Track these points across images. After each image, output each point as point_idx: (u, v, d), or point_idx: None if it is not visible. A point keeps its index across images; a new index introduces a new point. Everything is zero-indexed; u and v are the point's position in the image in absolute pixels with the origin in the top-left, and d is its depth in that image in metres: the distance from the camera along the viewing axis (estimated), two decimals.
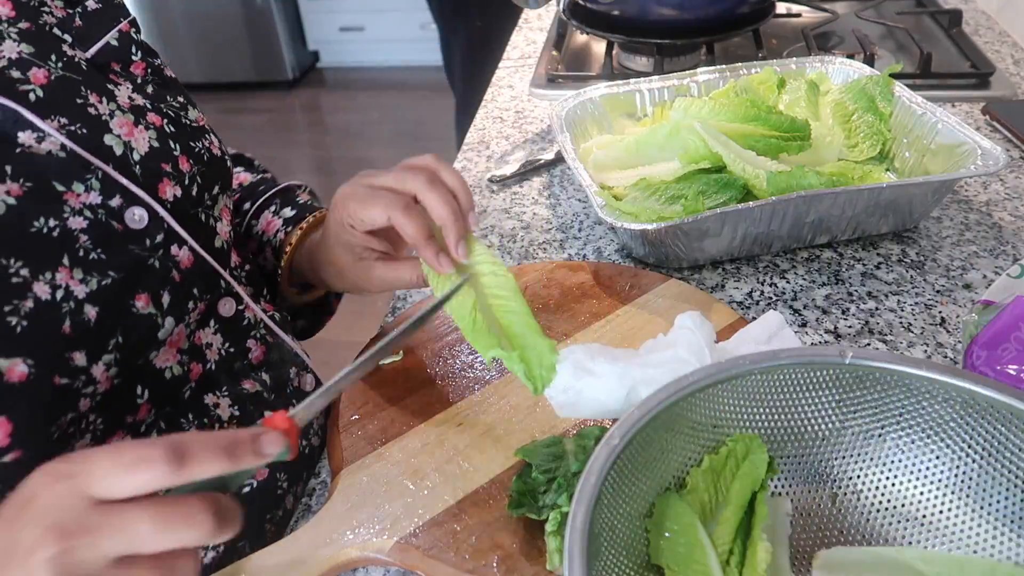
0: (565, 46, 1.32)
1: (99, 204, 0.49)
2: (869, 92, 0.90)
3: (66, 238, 0.47)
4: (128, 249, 0.50)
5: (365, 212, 0.58)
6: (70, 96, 0.50)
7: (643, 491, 0.47)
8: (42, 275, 0.45)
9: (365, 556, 0.53)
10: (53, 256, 0.46)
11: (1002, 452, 0.47)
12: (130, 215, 0.51)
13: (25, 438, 0.43)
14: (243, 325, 0.61)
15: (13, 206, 0.45)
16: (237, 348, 0.60)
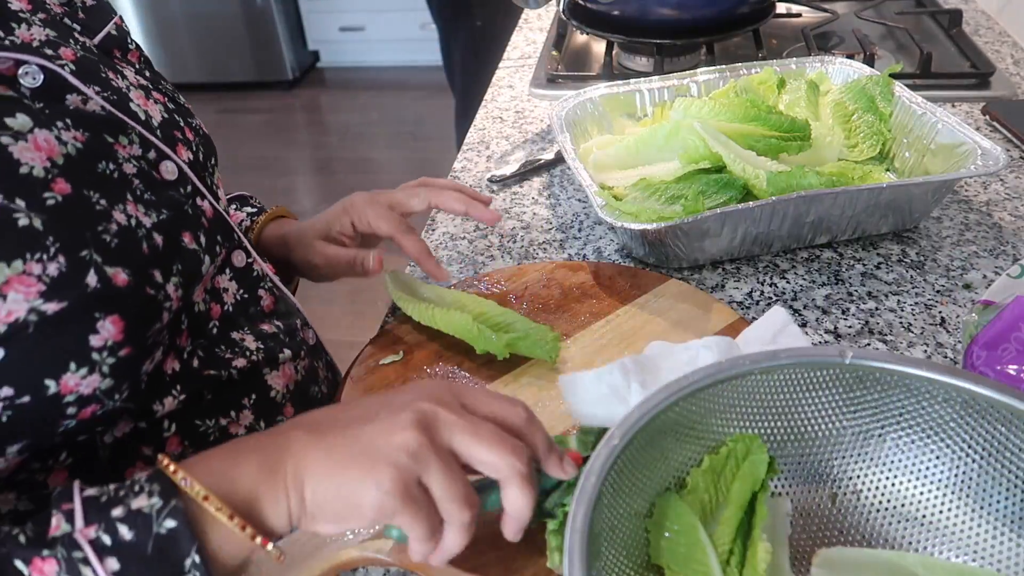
0: (565, 46, 1.32)
1: (140, 155, 0.56)
2: (869, 92, 0.90)
3: (124, 180, 0.53)
4: (169, 194, 0.57)
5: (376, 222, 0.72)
6: (96, 70, 0.56)
7: (643, 491, 0.47)
8: (117, 206, 0.51)
9: (365, 556, 0.53)
10: (120, 192, 0.52)
11: (1002, 452, 0.47)
12: (164, 167, 0.58)
13: (132, 337, 0.49)
14: (253, 276, 0.67)
15: (80, 149, 0.51)
16: (250, 296, 0.66)
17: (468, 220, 0.91)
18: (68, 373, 0.46)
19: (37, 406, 0.45)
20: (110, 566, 0.39)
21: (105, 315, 0.47)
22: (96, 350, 0.47)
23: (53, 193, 0.47)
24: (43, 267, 0.45)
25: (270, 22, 3.69)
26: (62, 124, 0.50)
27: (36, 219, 0.46)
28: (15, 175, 0.46)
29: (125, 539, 0.40)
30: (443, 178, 0.75)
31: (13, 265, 0.44)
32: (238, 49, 3.77)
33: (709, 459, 0.50)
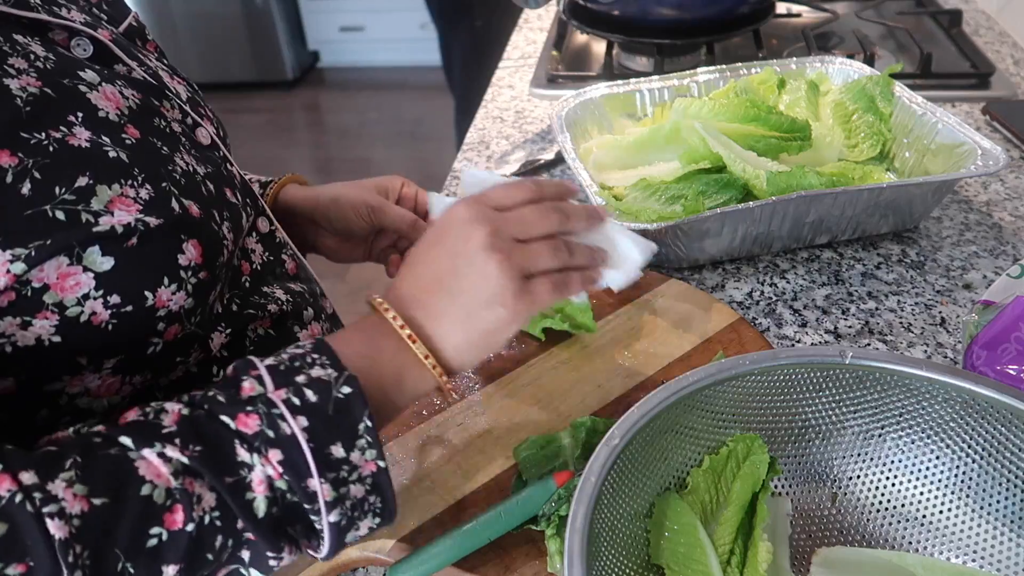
0: (565, 46, 1.32)
1: (181, 119, 0.60)
2: (869, 92, 0.90)
3: (175, 135, 0.57)
4: (209, 154, 0.60)
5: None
6: (130, 49, 0.60)
7: (643, 491, 0.47)
8: (176, 154, 0.55)
9: (365, 556, 0.53)
10: (175, 144, 0.56)
11: (1002, 452, 0.47)
12: (200, 133, 0.61)
13: (208, 262, 0.53)
14: (276, 242, 0.70)
15: (139, 104, 0.55)
16: (275, 258, 0.69)
17: None
18: (162, 287, 0.50)
19: (137, 317, 0.49)
20: (301, 423, 0.43)
21: (188, 239, 0.52)
22: (183, 268, 0.51)
23: (128, 135, 0.52)
24: (136, 191, 0.50)
25: (270, 22, 3.69)
26: (120, 83, 0.55)
27: (122, 153, 0.50)
28: (96, 117, 0.51)
29: (311, 400, 0.44)
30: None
31: (113, 187, 0.49)
32: (238, 49, 3.77)
33: (709, 459, 0.50)
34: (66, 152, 0.48)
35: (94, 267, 0.47)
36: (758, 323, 0.73)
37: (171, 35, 3.74)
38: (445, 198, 0.62)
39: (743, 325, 0.69)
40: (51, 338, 0.47)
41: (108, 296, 0.48)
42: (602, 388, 0.64)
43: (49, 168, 0.47)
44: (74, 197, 0.47)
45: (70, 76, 0.51)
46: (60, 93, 0.49)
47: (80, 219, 0.47)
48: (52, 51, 0.52)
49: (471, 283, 0.50)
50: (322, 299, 0.74)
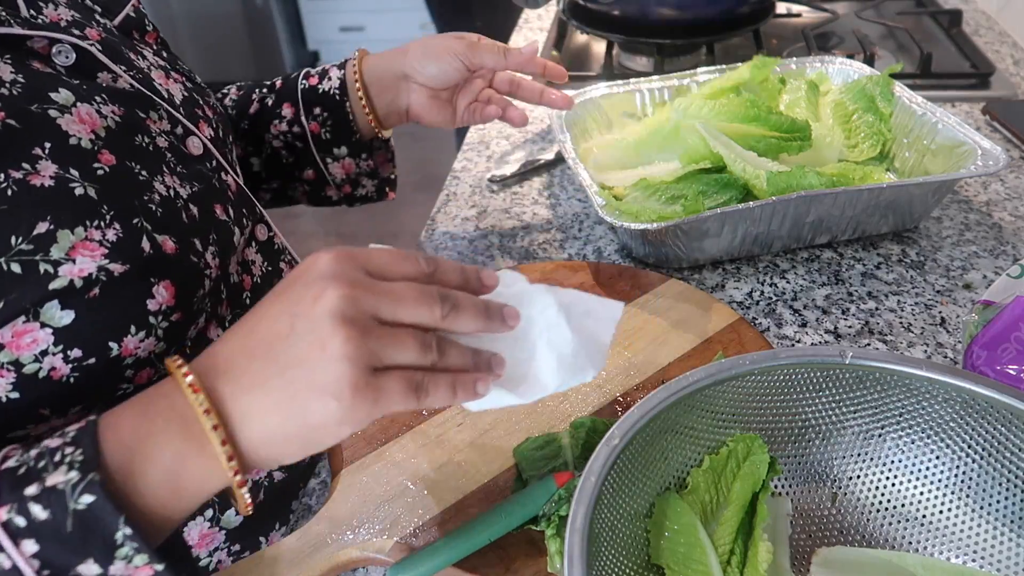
0: (565, 46, 1.32)
1: (169, 131, 0.57)
2: (869, 92, 0.90)
3: (159, 152, 0.55)
4: (197, 168, 0.58)
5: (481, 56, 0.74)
6: (119, 50, 0.57)
7: (644, 491, 0.47)
8: (156, 177, 0.53)
9: (365, 556, 0.53)
10: (157, 164, 0.54)
11: (1002, 452, 0.47)
12: (191, 142, 0.59)
13: (182, 302, 0.51)
14: (274, 249, 0.68)
15: (119, 123, 0.52)
16: (274, 268, 0.68)
17: (468, 220, 0.91)
18: (128, 336, 0.47)
19: (101, 368, 0.47)
20: (27, 549, 0.36)
21: (159, 280, 0.49)
22: (152, 314, 0.49)
23: (101, 164, 0.49)
24: (102, 233, 0.47)
25: (270, 22, 3.69)
26: (100, 99, 0.52)
27: (90, 188, 0.47)
28: (66, 146, 0.48)
29: (39, 519, 0.36)
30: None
31: (76, 231, 0.46)
32: (238, 49, 3.77)
33: (709, 459, 0.50)
34: (26, 194, 0.44)
35: (52, 322, 0.45)
36: (758, 323, 0.73)
37: (171, 35, 3.74)
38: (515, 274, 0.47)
39: (743, 325, 0.69)
40: (8, 395, 0.45)
41: (68, 351, 0.45)
42: (602, 388, 0.64)
43: (5, 215, 0.44)
44: (32, 246, 0.44)
45: (39, 100, 0.48)
46: (26, 123, 0.46)
47: (37, 270, 0.44)
48: (22, 71, 0.49)
49: (305, 355, 0.38)
50: None
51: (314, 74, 0.78)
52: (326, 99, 0.77)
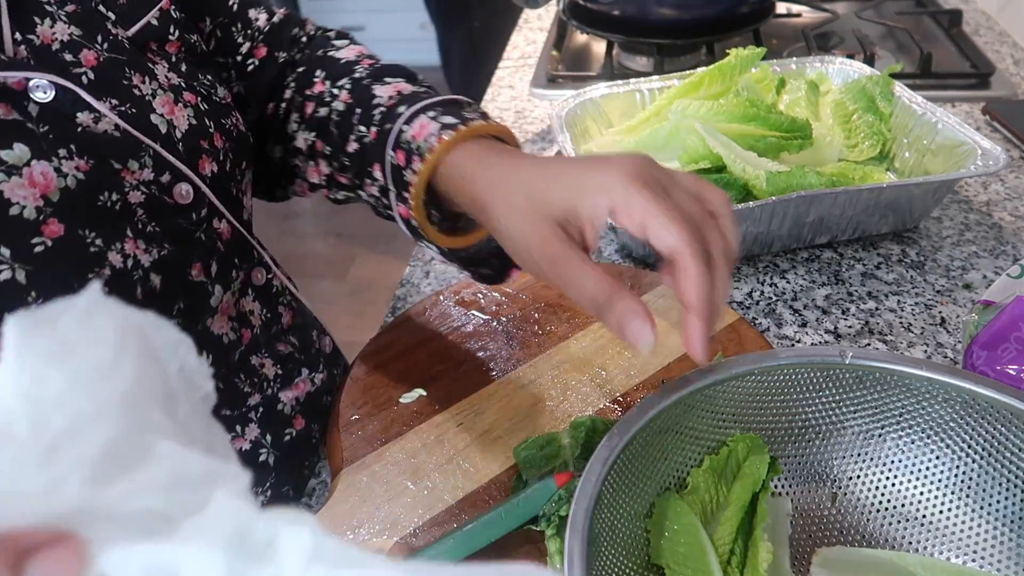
0: (565, 46, 1.32)
1: (152, 180, 0.52)
2: (869, 92, 0.90)
3: (126, 211, 0.50)
4: (178, 223, 0.54)
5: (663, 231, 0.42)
6: (118, 77, 0.52)
7: (644, 491, 0.47)
8: (114, 245, 0.48)
9: None
10: (119, 228, 0.49)
11: (1002, 452, 0.47)
12: (178, 190, 0.54)
13: None
14: (273, 292, 0.65)
15: (82, 180, 0.47)
16: (273, 314, 0.65)
17: None
18: None
19: None
20: None
21: None
22: None
23: (43, 237, 0.45)
24: None
25: None
26: (65, 152, 0.47)
27: (20, 271, 0.43)
28: (4, 217, 0.43)
29: None
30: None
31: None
32: None
33: (709, 459, 0.50)
34: None
35: None
36: (758, 323, 0.73)
37: None
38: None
39: (743, 325, 0.69)
40: None
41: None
42: (602, 388, 0.64)
43: None
44: None
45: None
46: None
47: None
48: None
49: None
50: (319, 340, 0.70)
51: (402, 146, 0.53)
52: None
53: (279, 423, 0.64)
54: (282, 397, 0.64)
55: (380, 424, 0.62)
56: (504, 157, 0.49)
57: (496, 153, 0.49)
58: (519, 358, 0.68)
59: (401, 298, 0.80)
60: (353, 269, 2.46)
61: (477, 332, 0.71)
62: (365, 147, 0.56)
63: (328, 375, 0.70)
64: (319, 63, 0.65)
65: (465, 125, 0.51)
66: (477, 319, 0.72)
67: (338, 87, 0.61)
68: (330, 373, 0.70)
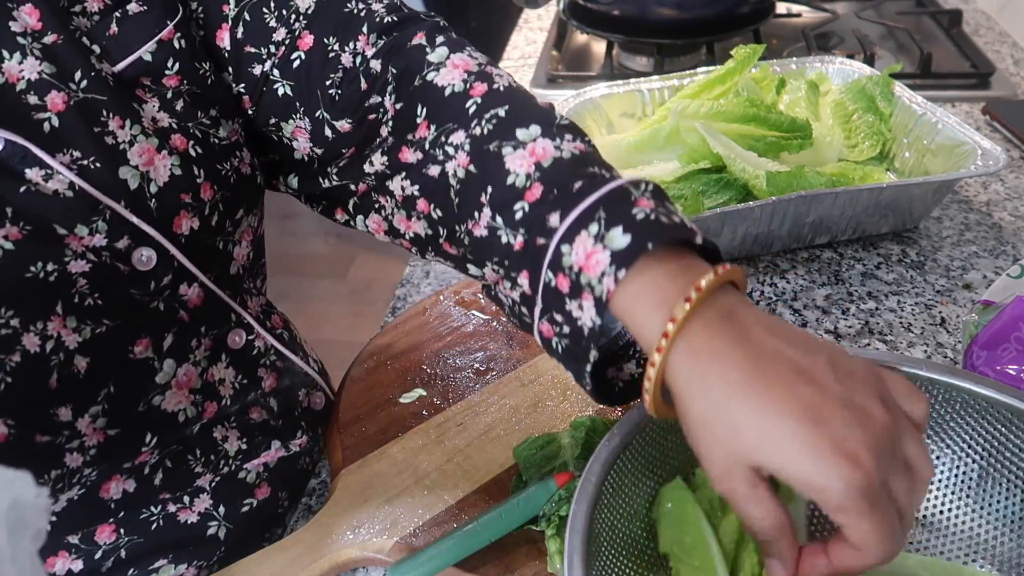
0: (565, 46, 1.32)
1: (104, 247, 0.46)
2: (869, 92, 0.90)
3: (63, 283, 0.44)
4: (129, 293, 0.48)
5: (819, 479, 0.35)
6: (88, 124, 0.46)
7: (644, 491, 0.47)
8: (33, 326, 0.43)
9: (365, 556, 0.53)
10: (47, 304, 0.44)
11: (1002, 452, 0.47)
12: (137, 256, 0.48)
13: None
14: (253, 355, 0.58)
15: (11, 251, 0.42)
16: (250, 380, 0.58)
17: None
18: None
19: None
20: None
21: None
22: None
23: None
24: None
25: None
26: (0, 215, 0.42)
27: None
28: None
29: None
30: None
31: None
32: None
33: None
34: None
35: None
36: None
37: None
38: None
39: None
40: None
41: None
42: None
43: None
44: None
45: None
46: None
47: None
48: None
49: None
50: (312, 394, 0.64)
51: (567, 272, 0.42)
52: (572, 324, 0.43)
53: (237, 494, 0.57)
54: (247, 466, 0.58)
55: (380, 424, 0.62)
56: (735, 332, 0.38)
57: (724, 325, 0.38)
58: (519, 358, 0.68)
59: (401, 298, 0.80)
60: (353, 269, 2.46)
61: (477, 332, 0.71)
62: (502, 241, 0.46)
63: (310, 438, 0.63)
64: (417, 94, 0.51)
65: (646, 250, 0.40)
66: (477, 319, 0.72)
67: (452, 145, 0.49)
68: (313, 435, 0.64)
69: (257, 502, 0.58)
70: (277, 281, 0.69)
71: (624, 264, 0.40)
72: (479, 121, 0.49)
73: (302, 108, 0.54)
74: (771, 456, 0.36)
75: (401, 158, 0.51)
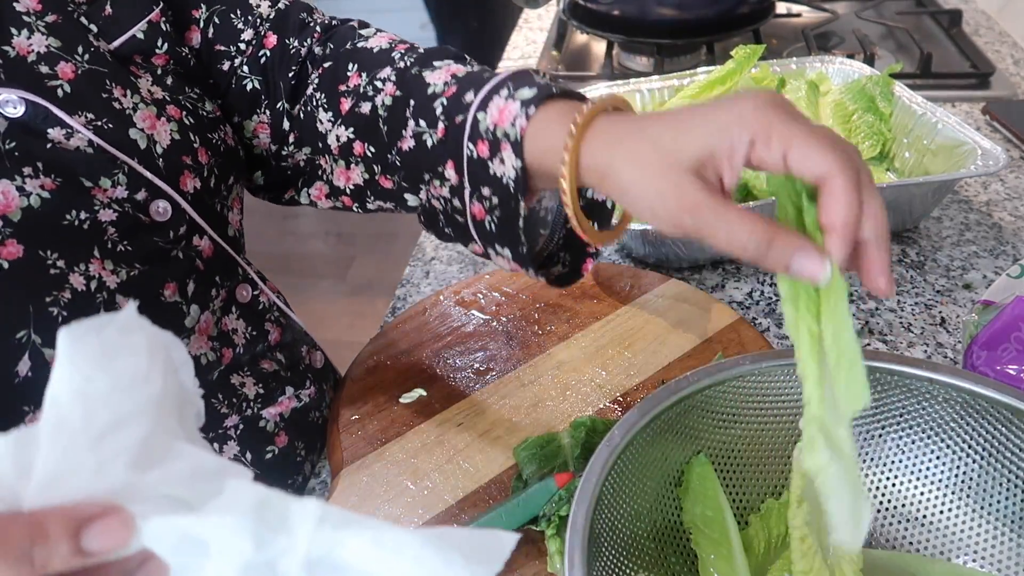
0: (565, 46, 1.32)
1: (125, 198, 0.50)
2: (869, 92, 0.90)
3: (96, 230, 0.49)
4: (153, 241, 0.52)
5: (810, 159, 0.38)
6: (96, 90, 0.51)
7: (644, 491, 0.47)
8: (77, 266, 0.47)
9: None
10: (85, 248, 0.48)
11: (1002, 452, 0.47)
12: (155, 208, 0.52)
13: None
14: (259, 309, 0.63)
15: (48, 199, 0.46)
16: (258, 332, 0.63)
17: None
18: None
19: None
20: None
21: (34, 408, 0.43)
22: None
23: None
24: None
25: None
26: (30, 170, 0.46)
27: None
28: None
29: None
30: None
31: None
32: None
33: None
34: None
35: None
36: (758, 323, 0.73)
37: None
38: None
39: (743, 325, 0.69)
40: None
41: None
42: (602, 388, 0.64)
43: None
44: None
45: None
46: None
47: None
48: None
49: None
50: (310, 355, 0.69)
51: (484, 135, 0.48)
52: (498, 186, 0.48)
53: (260, 440, 0.62)
54: (264, 414, 0.62)
55: (380, 424, 0.62)
56: (621, 118, 0.44)
57: (610, 119, 0.44)
58: (519, 358, 0.68)
59: (401, 298, 0.80)
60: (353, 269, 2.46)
61: (477, 332, 0.71)
62: (427, 144, 0.51)
63: (317, 391, 0.68)
64: (349, 56, 0.58)
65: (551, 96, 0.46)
66: (477, 319, 0.72)
67: (380, 79, 0.55)
68: (319, 389, 0.68)
69: (278, 450, 0.63)
70: (277, 281, 0.70)
71: (533, 104, 0.46)
72: (402, 58, 0.56)
73: (266, 101, 0.60)
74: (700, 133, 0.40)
75: (341, 108, 0.57)
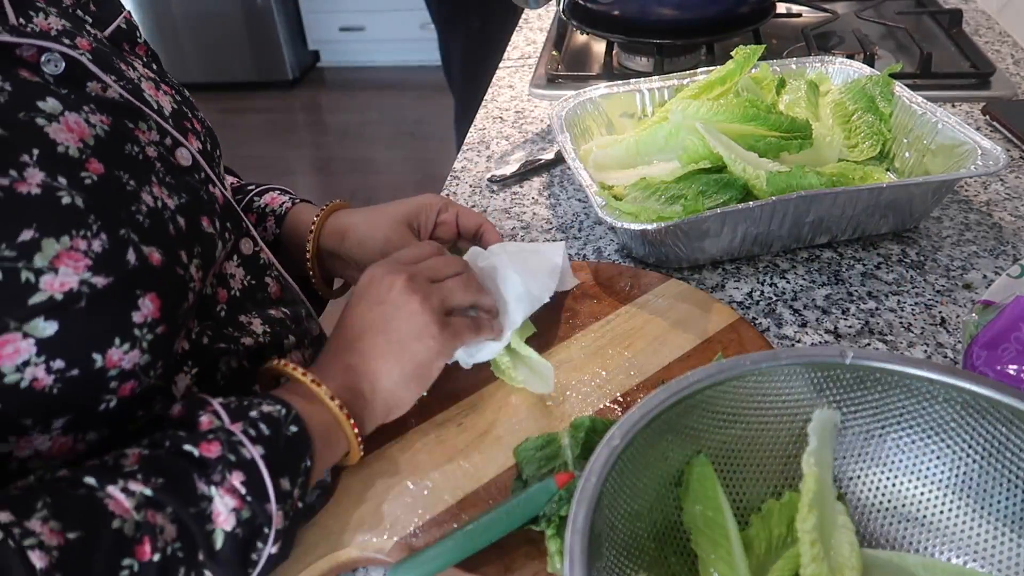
0: (565, 46, 1.32)
1: (158, 141, 0.57)
2: (869, 92, 0.90)
3: (148, 162, 0.55)
4: (185, 179, 0.58)
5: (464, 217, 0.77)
6: (110, 60, 0.57)
7: (644, 491, 0.47)
8: (144, 187, 0.53)
9: (365, 556, 0.53)
10: (146, 174, 0.54)
11: (1002, 452, 0.47)
12: (180, 154, 0.59)
13: (167, 315, 0.51)
14: (259, 264, 0.68)
15: (108, 132, 0.52)
16: (257, 282, 0.68)
17: None
18: (113, 348, 0.47)
19: (85, 379, 0.47)
20: (258, 451, 0.47)
21: (144, 293, 0.49)
22: (137, 326, 0.48)
23: (89, 172, 0.49)
24: (88, 243, 0.46)
25: (270, 22, 3.70)
26: (88, 108, 0.52)
27: (78, 198, 0.47)
28: (54, 154, 0.47)
29: (264, 434, 0.48)
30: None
31: (62, 240, 0.45)
32: (238, 49, 3.77)
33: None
34: (12, 201, 0.44)
35: (35, 332, 0.44)
36: (758, 323, 0.73)
37: (171, 35, 3.75)
38: (481, 251, 0.71)
39: (743, 325, 0.69)
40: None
41: (51, 361, 0.45)
42: (602, 388, 0.64)
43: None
44: (14, 253, 0.43)
45: (26, 108, 0.48)
46: (13, 130, 0.46)
47: (19, 279, 0.43)
48: (10, 79, 0.49)
49: (399, 322, 0.57)
50: (308, 321, 0.72)
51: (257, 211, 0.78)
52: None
53: None
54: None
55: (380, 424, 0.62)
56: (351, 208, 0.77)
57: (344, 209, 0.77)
58: None
59: None
60: None
61: None
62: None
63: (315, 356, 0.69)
64: None
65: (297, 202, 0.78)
66: None
67: None
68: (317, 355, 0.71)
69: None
70: None
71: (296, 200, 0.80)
72: None
73: None
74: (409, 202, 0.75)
75: None
